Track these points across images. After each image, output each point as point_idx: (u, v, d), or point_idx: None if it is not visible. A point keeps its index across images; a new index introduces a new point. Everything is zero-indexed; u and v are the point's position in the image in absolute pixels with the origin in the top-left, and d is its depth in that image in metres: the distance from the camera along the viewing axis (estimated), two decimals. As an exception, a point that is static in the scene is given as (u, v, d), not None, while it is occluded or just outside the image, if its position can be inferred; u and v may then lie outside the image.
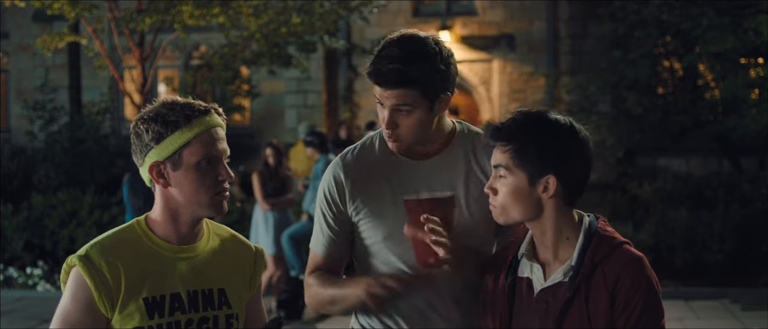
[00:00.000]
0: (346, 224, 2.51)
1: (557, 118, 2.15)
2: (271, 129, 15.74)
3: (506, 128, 2.15)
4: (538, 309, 2.16)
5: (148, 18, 9.29)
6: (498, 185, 2.17)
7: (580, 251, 2.13)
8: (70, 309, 2.10)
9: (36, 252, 10.64)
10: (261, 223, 8.53)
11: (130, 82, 10.21)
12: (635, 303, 2.06)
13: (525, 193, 2.14)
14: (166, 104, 2.15)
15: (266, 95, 15.74)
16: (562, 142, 2.12)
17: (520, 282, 2.22)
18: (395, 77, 2.32)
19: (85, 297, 2.09)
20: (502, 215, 2.19)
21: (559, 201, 2.15)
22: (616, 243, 2.15)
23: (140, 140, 2.13)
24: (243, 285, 2.30)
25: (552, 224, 2.17)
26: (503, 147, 2.15)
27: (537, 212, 2.16)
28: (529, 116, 2.16)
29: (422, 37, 2.37)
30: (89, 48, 10.44)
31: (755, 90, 11.13)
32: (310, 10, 10.33)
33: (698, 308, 8.69)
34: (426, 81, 2.33)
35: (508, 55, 15.45)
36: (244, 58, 10.79)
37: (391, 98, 2.35)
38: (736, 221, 9.85)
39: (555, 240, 2.18)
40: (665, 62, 13.36)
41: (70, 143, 13.00)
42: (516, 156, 2.12)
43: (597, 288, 2.09)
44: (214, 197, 2.16)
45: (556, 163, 2.11)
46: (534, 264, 2.20)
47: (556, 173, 2.12)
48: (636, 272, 2.09)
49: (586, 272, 2.10)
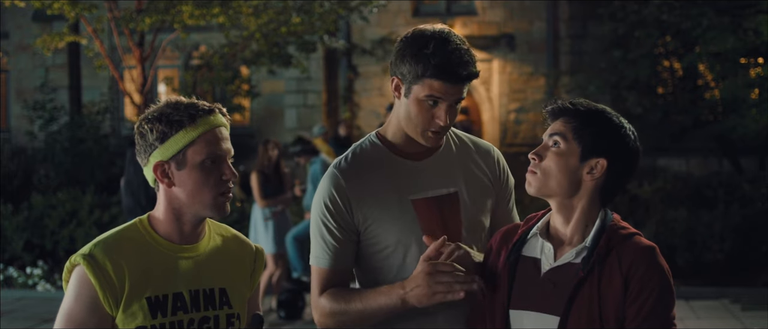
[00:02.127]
0: (351, 233, 2.47)
1: (622, 119, 2.21)
2: (271, 129, 15.75)
3: (575, 105, 2.20)
4: (544, 288, 2.16)
5: (148, 18, 9.29)
6: (546, 154, 2.19)
7: (596, 234, 2.16)
8: (74, 309, 2.08)
9: (36, 251, 10.64)
10: (260, 222, 8.53)
11: (130, 82, 10.21)
12: (650, 290, 2.07)
13: (572, 167, 2.16)
14: (170, 103, 2.15)
15: (266, 95, 15.75)
16: (622, 137, 2.17)
17: (525, 262, 2.23)
18: (470, 72, 2.39)
19: (89, 296, 2.08)
20: (538, 183, 2.19)
21: (597, 189, 2.18)
22: (630, 232, 2.18)
23: (144, 140, 2.13)
24: (244, 285, 2.30)
25: (581, 208, 2.19)
26: (566, 120, 2.19)
27: (573, 191, 2.18)
28: (597, 106, 2.23)
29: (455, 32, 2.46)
30: (89, 48, 10.44)
31: (755, 90, 11.13)
32: (310, 10, 10.33)
33: (698, 308, 8.69)
34: None
35: (508, 55, 15.45)
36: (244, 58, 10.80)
37: (456, 93, 2.40)
38: (736, 221, 9.85)
39: (577, 224, 2.19)
40: (665, 62, 13.37)
41: (70, 143, 13.01)
42: (577, 131, 2.16)
43: (610, 271, 2.11)
44: (217, 197, 2.15)
45: (611, 151, 2.16)
46: (546, 243, 2.21)
47: (608, 159, 2.16)
48: (651, 260, 2.11)
49: (601, 253, 2.12)
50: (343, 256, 2.48)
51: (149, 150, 2.13)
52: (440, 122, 2.41)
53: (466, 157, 2.55)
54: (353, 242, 2.48)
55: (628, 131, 2.19)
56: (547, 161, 2.18)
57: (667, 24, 12.04)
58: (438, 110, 2.42)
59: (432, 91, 2.38)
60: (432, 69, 2.36)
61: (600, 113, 2.19)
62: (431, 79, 2.37)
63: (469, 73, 2.39)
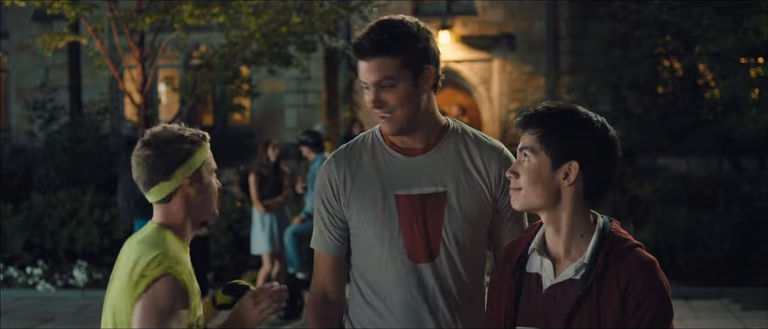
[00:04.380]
0: (339, 220, 2.54)
1: (589, 113, 2.16)
2: (271, 129, 15.74)
3: (537, 114, 2.16)
4: (546, 305, 2.15)
5: (148, 17, 9.28)
6: (520, 169, 2.17)
7: (594, 249, 2.12)
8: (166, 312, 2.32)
9: (36, 251, 10.64)
10: (257, 221, 8.56)
11: (130, 81, 10.20)
12: (647, 306, 2.06)
13: (546, 177, 2.13)
14: (177, 130, 2.45)
15: (266, 95, 15.73)
16: (589, 134, 2.13)
17: (529, 278, 2.21)
18: (376, 45, 2.36)
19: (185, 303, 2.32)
20: (521, 199, 2.17)
21: (578, 194, 2.14)
22: (630, 245, 2.15)
23: (165, 159, 2.40)
24: None
25: (568, 217, 2.15)
26: (532, 131, 2.15)
27: (555, 200, 2.15)
28: (561, 106, 2.18)
29: (399, 17, 2.46)
30: (89, 48, 10.42)
31: (755, 90, 11.12)
32: (310, 10, 10.32)
33: (698, 308, 8.69)
34: (405, 49, 2.38)
35: (508, 54, 15.45)
36: (244, 58, 10.78)
37: (374, 71, 2.38)
38: (737, 221, 9.85)
39: (569, 236, 2.16)
40: (665, 62, 13.36)
41: (70, 143, 12.99)
42: (542, 140, 2.13)
43: (609, 288, 2.09)
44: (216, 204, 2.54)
45: (580, 152, 2.12)
46: (544, 259, 2.19)
47: (580, 161, 2.12)
48: (649, 275, 2.09)
49: (599, 271, 2.10)
50: (333, 242, 2.55)
51: (174, 167, 2.41)
52: (369, 104, 2.43)
53: (466, 158, 2.51)
54: (342, 229, 2.53)
55: (597, 124, 2.14)
56: (522, 176, 2.16)
57: (668, 24, 12.03)
58: (368, 93, 2.44)
59: (360, 74, 2.43)
60: (352, 50, 2.43)
61: (564, 113, 2.15)
62: (357, 62, 2.42)
63: (378, 47, 2.37)
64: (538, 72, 15.30)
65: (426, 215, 2.45)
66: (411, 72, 2.40)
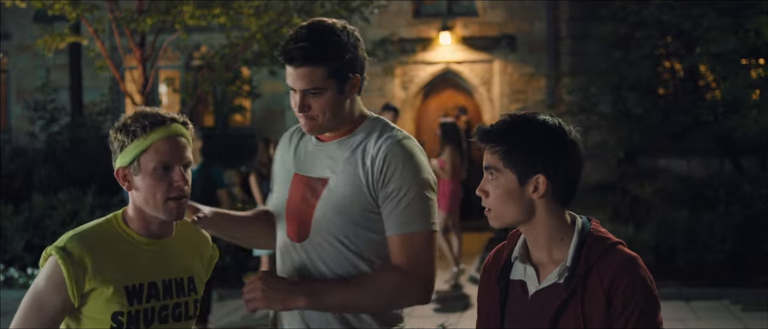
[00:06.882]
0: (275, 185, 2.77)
1: (545, 119, 2.15)
2: (271, 129, 15.73)
3: (495, 130, 2.16)
4: (532, 312, 2.15)
5: (149, 18, 9.29)
6: (489, 188, 2.17)
7: (575, 251, 2.13)
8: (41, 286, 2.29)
9: (37, 252, 10.62)
10: None
11: (131, 82, 10.21)
12: (634, 304, 2.06)
13: (515, 194, 2.14)
14: (134, 114, 2.41)
15: (267, 96, 15.73)
16: (550, 142, 2.12)
17: (514, 285, 2.22)
18: (303, 54, 2.40)
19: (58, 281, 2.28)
20: (496, 218, 2.18)
21: (551, 202, 2.15)
22: (610, 244, 2.15)
23: (111, 147, 2.42)
24: (203, 270, 2.57)
25: (545, 226, 2.16)
26: (492, 149, 2.15)
27: (529, 214, 2.15)
28: (516, 117, 2.17)
29: (330, 22, 2.48)
30: (90, 48, 10.43)
31: (756, 91, 11.12)
32: (311, 11, 10.32)
33: (699, 308, 8.69)
34: (333, 59, 2.43)
35: (509, 55, 15.44)
36: (245, 59, 10.78)
37: (301, 79, 2.43)
38: (737, 222, 9.85)
39: (548, 241, 2.17)
40: (666, 63, 13.36)
41: (71, 144, 13.01)
42: (505, 157, 2.13)
43: (592, 289, 2.09)
44: (167, 202, 2.35)
45: (545, 163, 2.12)
46: (527, 266, 2.19)
47: (546, 173, 2.12)
48: (631, 272, 2.08)
49: (581, 272, 2.10)
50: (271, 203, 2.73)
51: (114, 157, 2.41)
52: (295, 108, 2.50)
53: (361, 150, 2.52)
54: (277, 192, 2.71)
55: (556, 130, 2.13)
56: (492, 197, 2.16)
57: (668, 25, 12.03)
58: (294, 97, 2.50)
59: (287, 78, 2.48)
60: (279, 55, 2.46)
61: (520, 126, 2.14)
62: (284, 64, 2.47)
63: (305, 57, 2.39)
64: (539, 73, 15.29)
65: (306, 197, 2.55)
66: (337, 81, 2.46)
